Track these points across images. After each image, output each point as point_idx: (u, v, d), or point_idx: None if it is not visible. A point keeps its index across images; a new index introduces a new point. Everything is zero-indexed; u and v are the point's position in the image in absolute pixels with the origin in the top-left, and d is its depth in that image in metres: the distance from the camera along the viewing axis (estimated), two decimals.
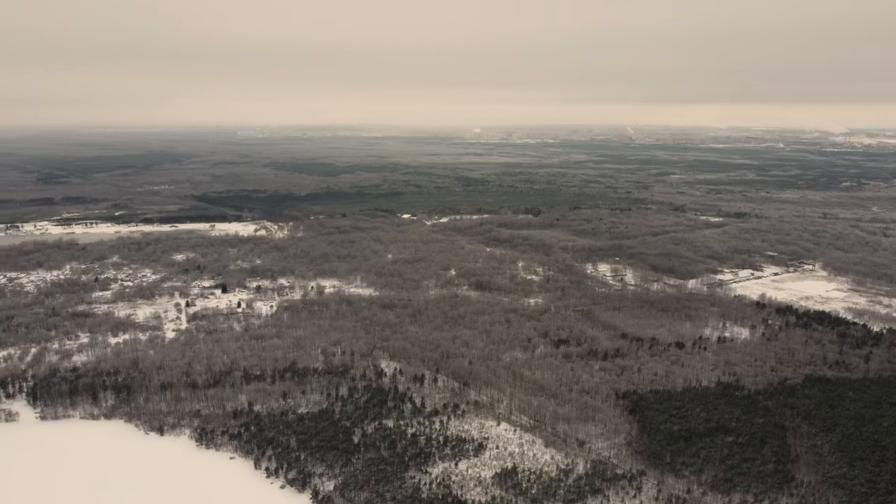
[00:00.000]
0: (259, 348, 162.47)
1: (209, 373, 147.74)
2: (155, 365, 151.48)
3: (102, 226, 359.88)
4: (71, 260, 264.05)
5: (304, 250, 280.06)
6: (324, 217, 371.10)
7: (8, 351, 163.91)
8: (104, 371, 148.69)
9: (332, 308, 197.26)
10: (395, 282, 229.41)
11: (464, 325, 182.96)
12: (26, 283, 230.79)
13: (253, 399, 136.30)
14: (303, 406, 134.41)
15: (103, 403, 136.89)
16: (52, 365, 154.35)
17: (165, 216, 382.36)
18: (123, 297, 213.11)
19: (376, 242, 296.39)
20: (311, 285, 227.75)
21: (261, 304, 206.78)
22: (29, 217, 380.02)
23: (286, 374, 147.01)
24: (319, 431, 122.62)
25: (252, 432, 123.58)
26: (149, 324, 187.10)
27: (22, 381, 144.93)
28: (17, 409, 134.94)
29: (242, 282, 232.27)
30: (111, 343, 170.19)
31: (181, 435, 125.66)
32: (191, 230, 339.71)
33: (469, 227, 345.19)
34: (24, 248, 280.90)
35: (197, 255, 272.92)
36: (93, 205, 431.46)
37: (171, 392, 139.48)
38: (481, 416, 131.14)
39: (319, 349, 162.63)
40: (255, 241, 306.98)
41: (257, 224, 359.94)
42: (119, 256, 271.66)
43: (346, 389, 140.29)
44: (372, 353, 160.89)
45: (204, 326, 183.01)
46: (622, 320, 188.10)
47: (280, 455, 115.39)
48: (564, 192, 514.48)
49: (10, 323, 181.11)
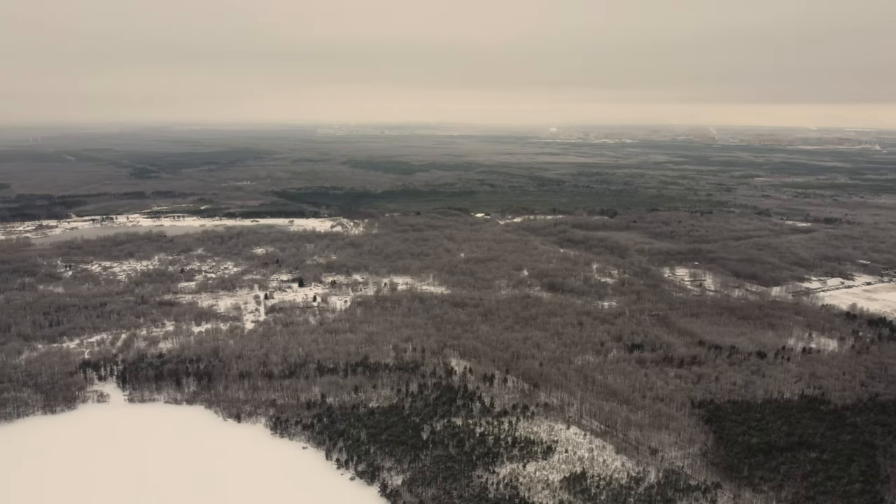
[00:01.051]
0: (333, 342, 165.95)
1: (285, 364, 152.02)
2: (234, 354, 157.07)
3: (189, 219, 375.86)
4: (159, 251, 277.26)
5: (378, 247, 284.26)
6: (398, 215, 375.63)
7: (101, 335, 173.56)
8: (187, 358, 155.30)
9: (404, 305, 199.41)
10: (466, 280, 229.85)
11: (535, 326, 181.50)
12: (119, 272, 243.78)
13: (326, 391, 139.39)
14: (373, 400, 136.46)
15: (186, 389, 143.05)
16: (140, 350, 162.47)
17: (247, 211, 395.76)
18: (206, 288, 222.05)
19: (449, 241, 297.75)
20: (385, 282, 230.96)
21: (335, 299, 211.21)
22: (122, 209, 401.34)
23: (358, 368, 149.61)
24: (389, 426, 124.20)
25: (324, 424, 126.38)
26: (229, 314, 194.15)
27: (113, 365, 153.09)
28: (108, 391, 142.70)
29: (318, 276, 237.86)
30: (194, 332, 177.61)
31: (257, 423, 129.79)
32: (270, 225, 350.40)
33: (543, 227, 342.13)
34: (117, 238, 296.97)
35: (276, 250, 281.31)
36: (180, 199, 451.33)
37: (248, 381, 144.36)
38: (551, 418, 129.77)
39: (391, 345, 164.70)
40: (331, 237, 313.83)
41: (334, 220, 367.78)
42: (203, 249, 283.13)
43: (416, 386, 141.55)
44: (442, 351, 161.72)
45: (281, 319, 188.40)
46: (700, 327, 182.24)
47: (350, 447, 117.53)
48: (642, 193, 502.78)
49: (104, 309, 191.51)
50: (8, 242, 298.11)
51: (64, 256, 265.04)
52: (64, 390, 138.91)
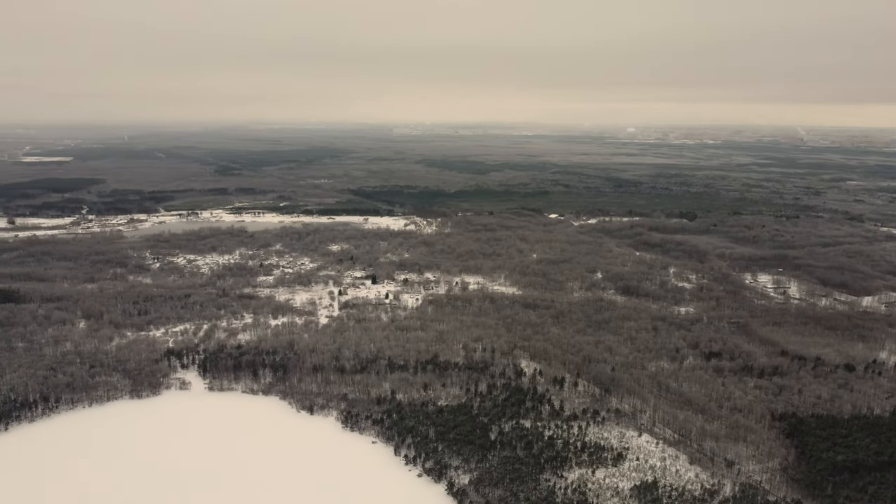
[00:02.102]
0: (404, 339, 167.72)
1: (357, 359, 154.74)
2: (308, 348, 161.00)
3: (268, 215, 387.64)
4: (240, 246, 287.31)
5: (450, 246, 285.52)
6: (471, 214, 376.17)
7: (185, 325, 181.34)
8: (264, 350, 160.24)
9: (475, 304, 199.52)
10: (538, 282, 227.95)
11: (608, 329, 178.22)
12: (202, 266, 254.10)
13: (396, 387, 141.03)
14: (442, 398, 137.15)
15: (262, 380, 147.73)
16: (220, 341, 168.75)
17: (324, 208, 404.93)
18: (283, 283, 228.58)
19: (522, 241, 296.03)
20: (456, 281, 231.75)
21: (407, 297, 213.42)
22: (206, 205, 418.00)
23: (428, 366, 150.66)
24: (457, 425, 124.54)
25: (394, 419, 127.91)
26: (305, 309, 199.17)
27: (195, 354, 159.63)
28: (189, 379, 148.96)
29: (391, 274, 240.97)
30: (271, 325, 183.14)
31: (329, 416, 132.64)
32: (346, 222, 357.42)
33: (618, 229, 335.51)
34: (201, 233, 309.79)
35: (350, 247, 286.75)
36: (261, 196, 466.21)
37: (321, 375, 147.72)
38: (622, 425, 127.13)
39: (461, 344, 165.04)
40: (404, 235, 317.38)
41: (407, 219, 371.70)
42: (281, 245, 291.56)
43: (485, 386, 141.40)
44: (512, 352, 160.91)
45: (354, 315, 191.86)
46: (783, 336, 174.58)
47: (419, 444, 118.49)
48: (724, 196, 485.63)
49: (188, 301, 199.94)
50: (103, 235, 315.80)
51: (152, 249, 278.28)
52: (149, 377, 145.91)
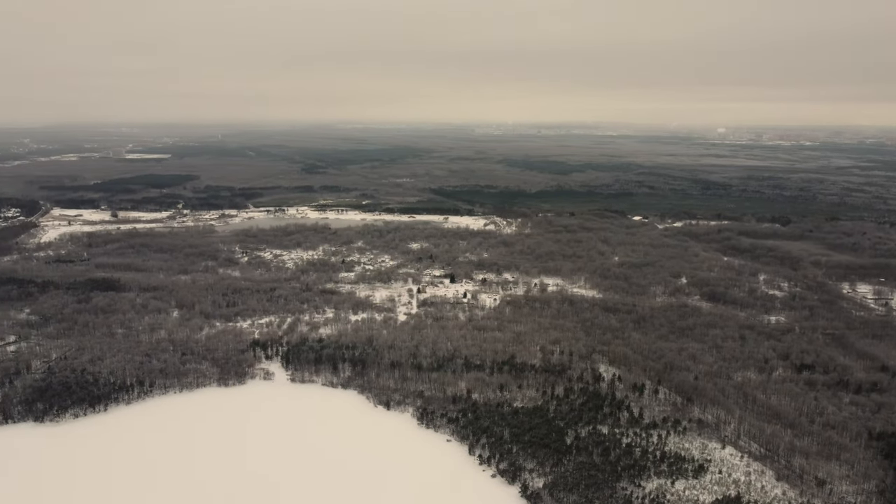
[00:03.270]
0: (480, 339, 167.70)
1: (433, 357, 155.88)
2: (387, 344, 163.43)
3: (351, 213, 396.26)
4: (324, 242, 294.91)
5: (530, 247, 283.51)
6: (552, 215, 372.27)
7: (270, 318, 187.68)
8: (344, 345, 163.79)
9: (553, 306, 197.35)
10: (619, 285, 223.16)
11: (692, 337, 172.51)
12: (287, 260, 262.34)
13: (471, 387, 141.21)
14: (518, 400, 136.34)
15: (341, 374, 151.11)
16: (302, 334, 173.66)
17: (405, 207, 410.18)
18: (364, 280, 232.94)
19: (603, 243, 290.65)
20: (535, 282, 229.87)
21: (485, 297, 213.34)
22: (293, 202, 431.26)
23: (504, 367, 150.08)
24: (533, 427, 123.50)
25: (469, 419, 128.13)
26: (384, 306, 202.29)
27: (278, 346, 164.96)
28: (273, 370, 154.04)
29: (469, 273, 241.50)
30: (351, 320, 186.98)
31: (405, 412, 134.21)
32: (426, 221, 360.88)
33: (705, 233, 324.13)
34: (287, 229, 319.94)
35: (430, 246, 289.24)
36: (345, 193, 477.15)
37: (399, 371, 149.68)
38: (704, 436, 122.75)
39: (538, 346, 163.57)
40: (483, 234, 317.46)
41: (487, 219, 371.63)
42: (363, 242, 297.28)
43: (561, 389, 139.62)
44: (591, 356, 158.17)
45: (432, 313, 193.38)
46: (883, 350, 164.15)
47: (493, 445, 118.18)
48: (820, 200, 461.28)
49: (273, 294, 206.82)
50: (196, 229, 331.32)
51: (241, 243, 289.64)
52: (236, 366, 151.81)
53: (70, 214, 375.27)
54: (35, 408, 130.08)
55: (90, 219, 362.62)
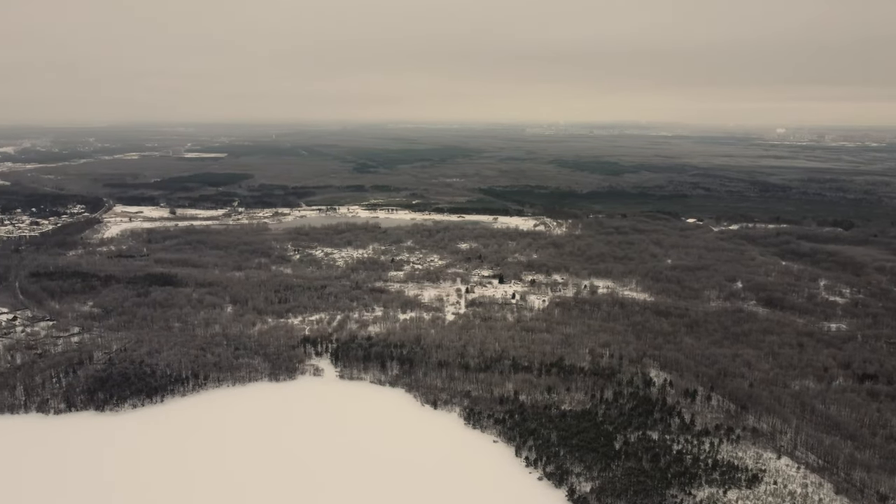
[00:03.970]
0: (529, 340, 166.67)
1: (481, 357, 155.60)
2: (435, 343, 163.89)
3: (401, 212, 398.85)
4: (374, 241, 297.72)
5: (580, 248, 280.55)
6: (603, 216, 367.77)
7: (320, 315, 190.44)
8: (392, 343, 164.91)
9: (603, 309, 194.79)
10: (672, 288, 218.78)
11: (747, 343, 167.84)
12: (338, 259, 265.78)
13: (519, 388, 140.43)
14: (566, 403, 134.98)
15: (389, 372, 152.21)
16: (352, 332, 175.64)
17: (454, 207, 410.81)
18: (413, 279, 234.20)
19: (655, 246, 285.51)
20: (585, 284, 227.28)
21: (534, 298, 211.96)
22: (344, 201, 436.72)
23: (552, 369, 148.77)
24: (581, 431, 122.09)
25: (516, 420, 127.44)
26: (432, 305, 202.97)
27: (328, 343, 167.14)
28: (322, 366, 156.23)
29: (518, 274, 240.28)
30: (400, 318, 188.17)
31: (452, 412, 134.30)
32: (475, 221, 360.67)
33: (763, 236, 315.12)
34: (338, 227, 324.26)
35: (479, 246, 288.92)
36: (395, 193, 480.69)
37: (446, 370, 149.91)
38: (759, 445, 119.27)
39: (587, 349, 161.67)
40: (533, 235, 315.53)
41: (537, 219, 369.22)
42: (412, 241, 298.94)
43: (611, 393, 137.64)
44: (641, 360, 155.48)
45: (480, 313, 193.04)
46: None
47: (540, 447, 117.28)
48: (886, 204, 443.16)
49: (323, 291, 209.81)
50: (250, 226, 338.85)
51: (293, 241, 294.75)
52: (287, 361, 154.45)
53: (131, 211, 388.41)
54: (96, 397, 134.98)
55: (150, 215, 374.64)
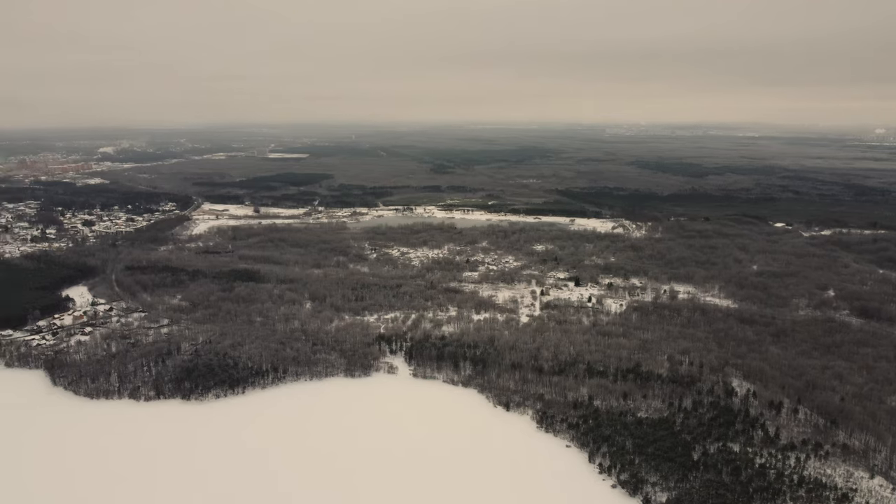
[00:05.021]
0: (604, 345, 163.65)
1: (555, 360, 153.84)
2: (508, 345, 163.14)
3: (476, 213, 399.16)
4: (449, 241, 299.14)
5: (660, 252, 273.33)
6: (685, 219, 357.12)
7: (395, 314, 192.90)
8: (466, 343, 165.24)
9: (683, 315, 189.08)
10: (757, 295, 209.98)
11: (839, 354, 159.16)
12: (413, 258, 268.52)
13: (593, 393, 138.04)
14: (642, 410, 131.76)
15: (462, 372, 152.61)
16: (426, 331, 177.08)
17: (530, 208, 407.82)
18: (487, 280, 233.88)
19: (740, 251, 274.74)
20: (664, 289, 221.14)
21: (611, 302, 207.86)
22: (420, 201, 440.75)
23: (629, 375, 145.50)
24: (657, 439, 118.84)
25: (590, 425, 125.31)
26: (506, 306, 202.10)
27: (402, 341, 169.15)
28: (397, 364, 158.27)
29: (595, 277, 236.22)
30: (473, 319, 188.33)
31: (524, 414, 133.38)
32: (552, 223, 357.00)
33: (858, 242, 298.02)
34: (414, 227, 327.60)
35: (555, 248, 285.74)
36: (471, 194, 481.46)
37: (519, 373, 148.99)
38: (850, 462, 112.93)
39: (666, 355, 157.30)
40: (611, 238, 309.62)
41: (615, 222, 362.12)
42: (487, 242, 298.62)
43: (690, 402, 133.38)
44: (723, 369, 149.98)
45: (555, 316, 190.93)
46: None
47: (615, 454, 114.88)
48: None
49: (399, 290, 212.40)
50: (329, 225, 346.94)
51: (370, 240, 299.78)
52: (362, 358, 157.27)
53: (218, 209, 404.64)
54: (183, 386, 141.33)
55: (235, 213, 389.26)
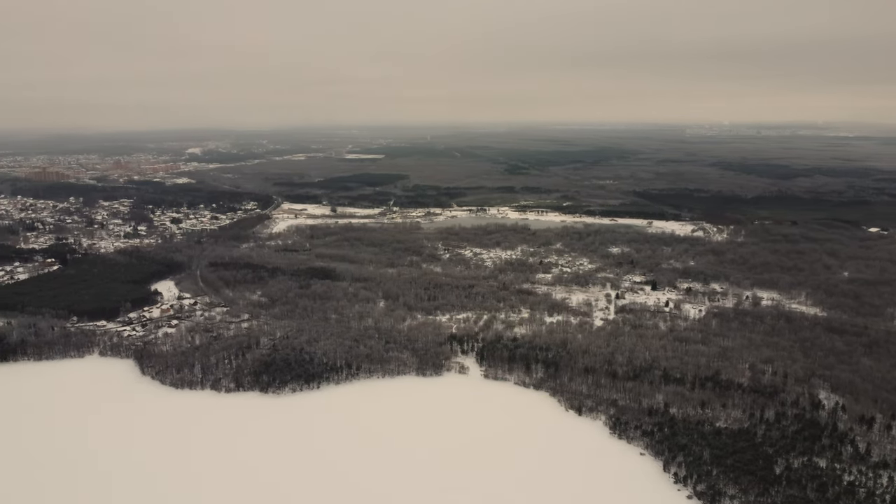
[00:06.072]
0: (682, 351, 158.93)
1: (629, 366, 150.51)
2: (581, 349, 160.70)
3: (551, 214, 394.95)
4: (522, 243, 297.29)
5: (742, 256, 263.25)
6: (770, 223, 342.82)
7: (467, 314, 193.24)
8: (538, 346, 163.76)
9: (767, 322, 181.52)
10: (848, 304, 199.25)
11: None
12: (486, 259, 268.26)
13: (670, 401, 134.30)
14: (721, 420, 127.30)
15: (534, 374, 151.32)
16: (497, 332, 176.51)
17: (606, 210, 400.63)
18: (561, 282, 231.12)
19: (830, 256, 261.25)
20: (746, 295, 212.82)
21: (689, 307, 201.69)
22: (494, 202, 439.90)
23: (707, 383, 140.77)
24: (737, 451, 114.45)
25: (665, 434, 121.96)
26: (580, 309, 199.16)
27: (474, 342, 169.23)
28: (468, 364, 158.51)
29: (672, 281, 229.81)
30: (546, 321, 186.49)
31: (597, 419, 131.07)
32: (628, 225, 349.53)
33: None
34: (487, 228, 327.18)
35: (631, 250, 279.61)
36: (545, 195, 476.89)
37: (592, 377, 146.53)
38: None
39: (747, 364, 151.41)
40: (690, 241, 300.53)
41: (695, 224, 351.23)
42: (561, 244, 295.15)
43: (772, 413, 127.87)
44: (809, 380, 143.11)
45: (630, 320, 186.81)
46: None
47: (691, 464, 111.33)
48: None
49: (471, 291, 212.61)
50: (404, 225, 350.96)
51: (444, 241, 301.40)
52: (434, 358, 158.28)
53: (296, 208, 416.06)
54: (261, 379, 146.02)
55: (313, 213, 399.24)
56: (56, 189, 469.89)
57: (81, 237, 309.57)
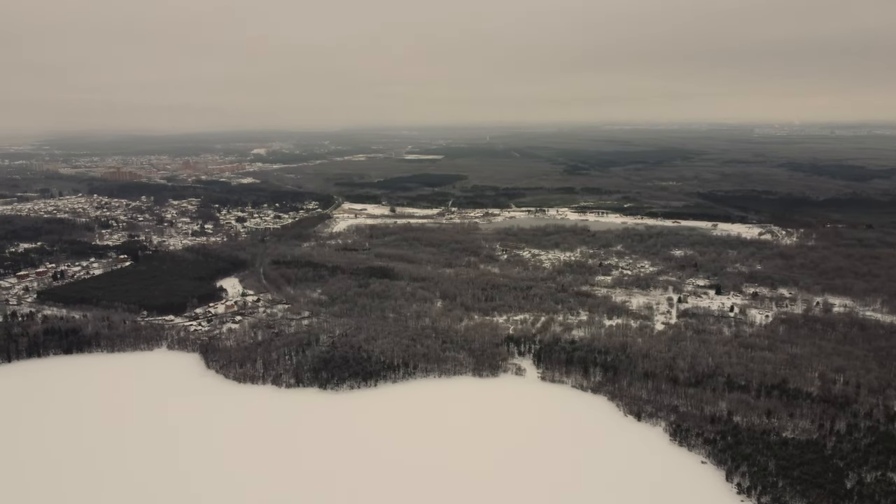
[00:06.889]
0: (747, 358, 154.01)
1: (691, 371, 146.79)
2: (641, 353, 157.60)
3: (611, 216, 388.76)
4: (581, 244, 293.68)
5: (813, 261, 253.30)
6: (843, 226, 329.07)
7: (524, 315, 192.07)
8: (596, 349, 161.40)
9: (838, 330, 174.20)
10: None
11: None
12: (544, 260, 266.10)
13: (733, 409, 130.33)
14: (788, 430, 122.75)
15: (592, 378, 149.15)
16: (555, 334, 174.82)
17: (669, 211, 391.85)
18: (621, 284, 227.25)
19: None
20: (817, 301, 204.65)
21: (755, 312, 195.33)
22: (553, 203, 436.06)
23: (773, 392, 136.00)
24: (804, 463, 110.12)
25: (728, 442, 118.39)
26: (640, 313, 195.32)
27: (531, 344, 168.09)
28: (524, 366, 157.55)
29: (738, 286, 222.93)
30: (605, 324, 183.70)
31: (656, 426, 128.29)
32: (692, 227, 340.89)
33: None
34: (546, 229, 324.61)
35: (695, 253, 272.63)
36: (606, 196, 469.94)
37: (652, 382, 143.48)
38: None
39: (817, 373, 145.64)
40: (757, 244, 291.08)
41: (762, 227, 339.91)
42: (622, 246, 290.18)
43: (843, 425, 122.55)
44: (884, 391, 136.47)
45: (693, 325, 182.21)
46: None
47: (755, 475, 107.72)
48: None
49: (529, 292, 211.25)
50: (462, 226, 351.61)
51: (502, 241, 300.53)
52: (490, 359, 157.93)
53: (356, 208, 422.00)
54: (320, 376, 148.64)
55: (372, 213, 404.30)
56: (129, 188, 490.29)
57: (152, 234, 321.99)
